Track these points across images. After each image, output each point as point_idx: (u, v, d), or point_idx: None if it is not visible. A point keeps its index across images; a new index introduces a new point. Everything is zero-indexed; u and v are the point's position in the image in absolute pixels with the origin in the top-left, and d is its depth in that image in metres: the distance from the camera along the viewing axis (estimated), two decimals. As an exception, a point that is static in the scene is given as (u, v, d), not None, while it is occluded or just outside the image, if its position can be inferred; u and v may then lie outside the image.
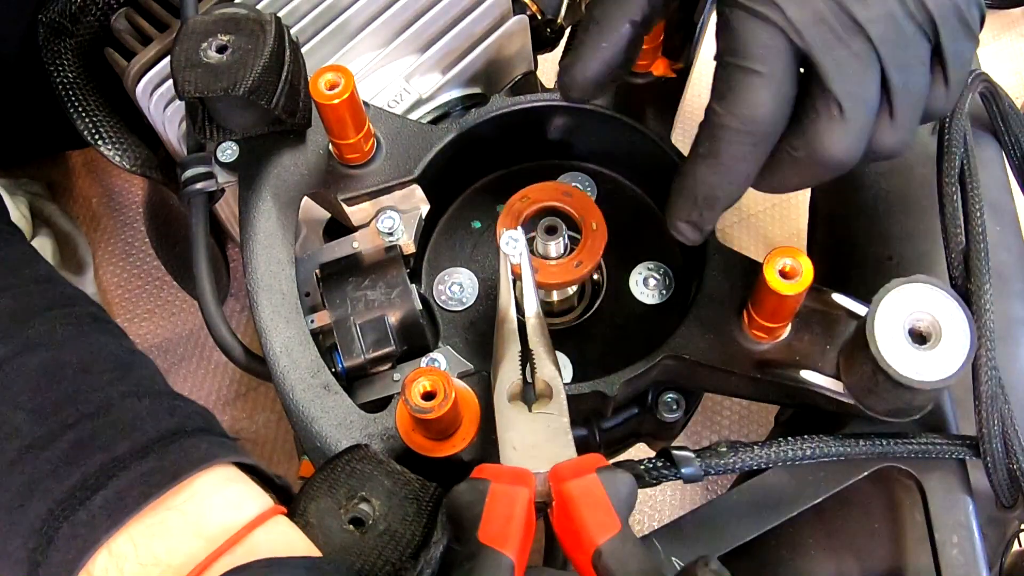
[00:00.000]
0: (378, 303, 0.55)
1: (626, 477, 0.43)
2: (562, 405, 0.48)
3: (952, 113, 0.56)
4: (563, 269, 0.54)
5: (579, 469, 0.44)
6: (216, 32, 0.54)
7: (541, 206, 0.56)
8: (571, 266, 0.54)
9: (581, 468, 0.44)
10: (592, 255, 0.54)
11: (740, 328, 0.52)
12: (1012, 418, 0.50)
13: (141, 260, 0.94)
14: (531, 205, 0.56)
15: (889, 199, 0.67)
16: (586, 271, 0.54)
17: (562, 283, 0.54)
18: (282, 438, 0.86)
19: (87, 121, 0.70)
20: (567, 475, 0.43)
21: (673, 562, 0.51)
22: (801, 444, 0.50)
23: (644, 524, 0.82)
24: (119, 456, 0.44)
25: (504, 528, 0.41)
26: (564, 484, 0.43)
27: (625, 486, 0.43)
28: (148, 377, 0.50)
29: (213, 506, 0.44)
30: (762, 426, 0.86)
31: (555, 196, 0.56)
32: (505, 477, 0.43)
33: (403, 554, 0.43)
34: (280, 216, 0.56)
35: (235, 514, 0.44)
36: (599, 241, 0.54)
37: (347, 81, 0.51)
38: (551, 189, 0.56)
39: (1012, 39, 1.05)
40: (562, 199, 0.56)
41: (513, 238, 0.52)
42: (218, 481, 0.45)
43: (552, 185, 0.57)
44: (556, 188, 0.56)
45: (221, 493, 0.45)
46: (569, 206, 0.56)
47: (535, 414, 0.48)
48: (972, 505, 0.51)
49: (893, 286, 0.46)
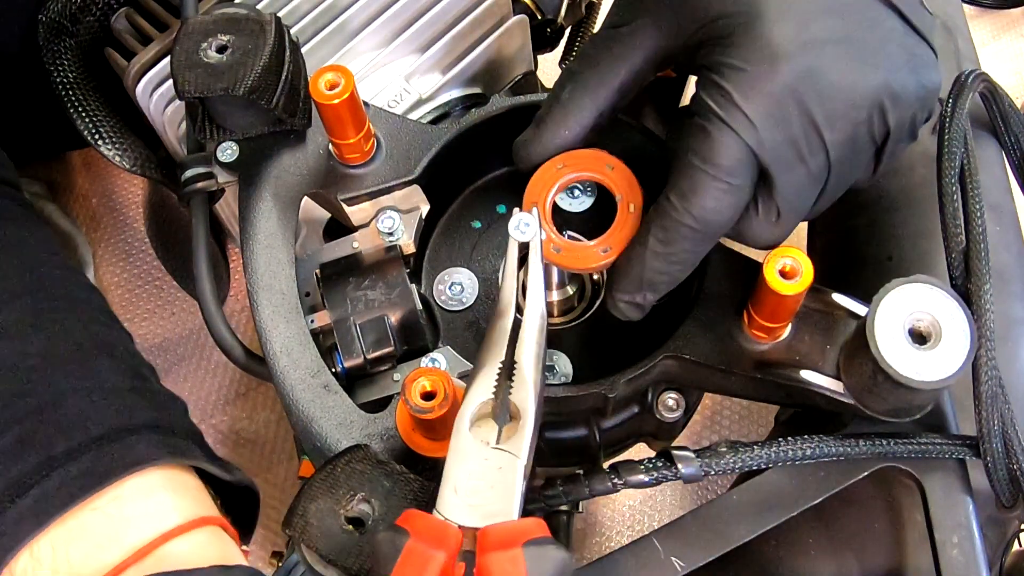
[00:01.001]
0: (378, 303, 0.55)
1: (556, 556, 0.39)
2: (524, 440, 0.44)
3: (952, 113, 0.56)
4: (588, 254, 0.50)
5: (506, 540, 0.40)
6: (216, 32, 0.54)
7: (577, 177, 0.51)
8: (597, 251, 0.50)
9: (509, 539, 0.40)
10: (622, 242, 0.50)
11: (740, 328, 0.52)
12: (1012, 418, 0.50)
13: (141, 260, 0.94)
14: (565, 175, 0.51)
15: (889, 199, 0.67)
16: (612, 259, 0.50)
17: (584, 268, 0.51)
18: (282, 438, 0.86)
19: (87, 121, 0.70)
20: (492, 545, 0.40)
21: (673, 562, 0.51)
22: (801, 444, 0.50)
23: (644, 524, 0.82)
24: (55, 455, 0.44)
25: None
26: (485, 555, 0.39)
27: (552, 565, 0.39)
28: (108, 368, 0.50)
29: (136, 513, 0.44)
30: (762, 426, 0.86)
31: (595, 167, 0.51)
32: (426, 535, 0.40)
33: (403, 554, 0.43)
34: (280, 216, 0.56)
35: (156, 523, 0.44)
36: (633, 228, 0.50)
37: (347, 81, 0.51)
38: (591, 158, 0.51)
39: (1012, 39, 1.05)
40: (603, 171, 0.51)
41: (525, 222, 0.48)
42: (149, 486, 0.45)
43: (593, 154, 0.52)
44: (597, 158, 0.51)
45: (149, 499, 0.44)
46: (610, 180, 0.51)
47: (492, 449, 0.44)
48: (972, 505, 0.51)
49: (893, 286, 0.46)
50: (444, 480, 0.43)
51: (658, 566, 0.50)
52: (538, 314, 0.48)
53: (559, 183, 0.51)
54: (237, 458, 0.84)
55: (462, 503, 0.42)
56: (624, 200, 0.51)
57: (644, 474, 0.50)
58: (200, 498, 0.47)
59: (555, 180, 0.51)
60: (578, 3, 0.74)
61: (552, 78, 0.80)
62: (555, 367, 0.58)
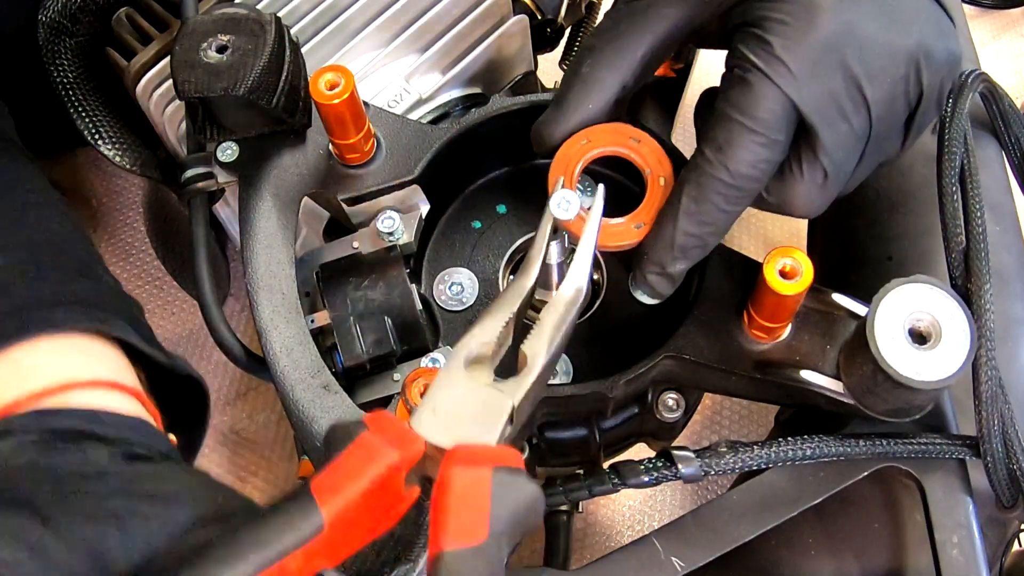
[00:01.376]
0: (378, 303, 0.55)
1: (528, 488, 0.36)
2: (523, 388, 0.40)
3: (952, 113, 0.56)
4: (621, 231, 0.49)
5: (477, 458, 0.36)
6: (216, 32, 0.54)
7: (602, 152, 0.50)
8: (631, 228, 0.49)
9: (479, 458, 0.36)
10: (656, 217, 0.49)
11: (740, 328, 0.52)
12: (1012, 418, 0.50)
13: (141, 260, 0.94)
14: (590, 150, 0.49)
15: (889, 198, 0.67)
16: (645, 235, 0.49)
17: (618, 246, 0.49)
18: (282, 438, 0.85)
19: (87, 121, 0.70)
20: (459, 460, 0.36)
21: (673, 562, 0.51)
22: (801, 444, 0.50)
23: (644, 524, 0.82)
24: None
25: (339, 483, 0.34)
26: (449, 469, 0.36)
27: (522, 496, 0.35)
28: (56, 257, 0.49)
29: (44, 363, 0.43)
30: (762, 426, 0.86)
31: (620, 141, 0.50)
32: (387, 432, 0.36)
33: (403, 555, 0.43)
34: (280, 216, 0.56)
35: (63, 373, 0.43)
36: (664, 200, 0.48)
37: (347, 81, 0.51)
38: (615, 133, 0.50)
39: (1012, 39, 1.05)
40: (628, 145, 0.50)
41: (567, 199, 0.47)
42: (64, 347, 0.45)
43: (616, 127, 0.50)
44: (621, 132, 0.50)
45: (61, 357, 0.44)
46: (636, 154, 0.50)
47: (485, 386, 0.40)
48: (972, 505, 0.51)
49: (893, 286, 0.46)
50: (424, 401, 0.39)
51: (658, 566, 0.50)
52: (576, 287, 0.45)
53: (585, 158, 0.50)
54: (237, 458, 0.84)
55: (438, 423, 0.38)
56: (654, 174, 0.49)
57: (644, 474, 0.50)
58: (118, 368, 0.46)
59: (580, 156, 0.49)
60: (578, 3, 0.74)
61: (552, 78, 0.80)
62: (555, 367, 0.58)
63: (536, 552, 0.78)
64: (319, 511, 0.34)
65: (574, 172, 0.50)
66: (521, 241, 0.62)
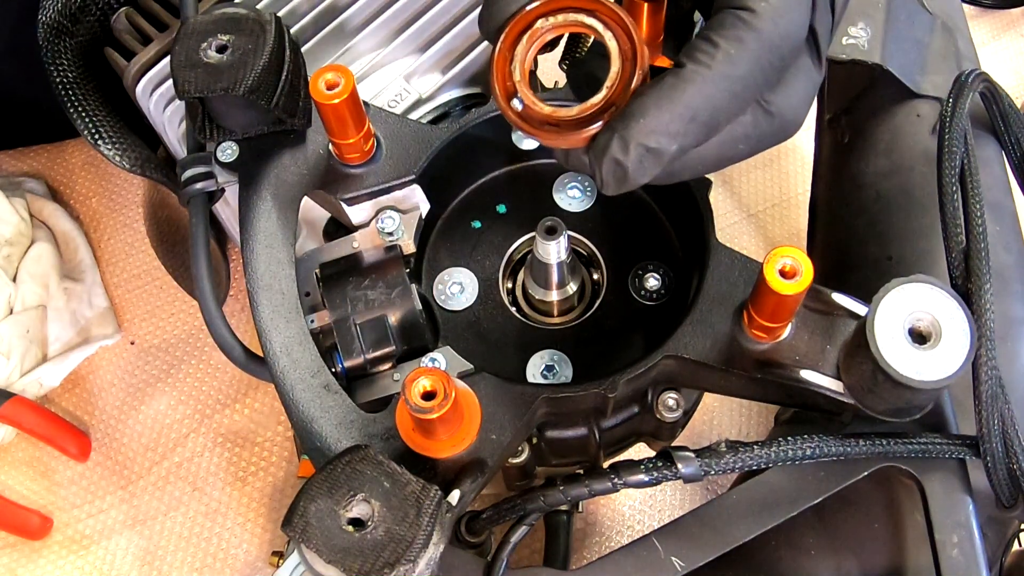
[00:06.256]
0: (378, 303, 0.55)
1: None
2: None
3: (952, 113, 0.56)
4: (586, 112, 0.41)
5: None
6: (216, 32, 0.54)
7: (555, 25, 0.42)
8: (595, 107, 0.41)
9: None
10: (624, 92, 0.41)
11: (740, 328, 0.52)
12: (1012, 418, 0.50)
13: (141, 260, 0.94)
14: (541, 19, 0.42)
15: (889, 199, 0.67)
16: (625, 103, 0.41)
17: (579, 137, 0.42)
18: (282, 438, 0.86)
19: (87, 121, 0.70)
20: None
21: (673, 562, 0.51)
22: (801, 444, 0.50)
23: (644, 524, 0.82)
24: None
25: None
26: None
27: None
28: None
29: None
30: (762, 426, 0.86)
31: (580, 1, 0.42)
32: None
33: (403, 556, 0.43)
34: (280, 216, 0.56)
35: None
36: (635, 74, 0.41)
37: (347, 81, 0.51)
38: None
39: (1012, 39, 1.05)
40: (592, 4, 0.42)
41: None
42: None
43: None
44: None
45: None
46: (605, 16, 0.42)
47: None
48: (972, 505, 0.51)
49: (893, 286, 0.46)
50: None
51: (658, 566, 0.50)
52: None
53: (531, 32, 0.42)
54: (237, 458, 0.84)
55: None
56: (624, 44, 0.41)
57: (644, 474, 0.50)
58: None
59: (529, 30, 0.42)
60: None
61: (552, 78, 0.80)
62: (555, 367, 0.58)
63: (536, 552, 0.78)
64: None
65: (525, 59, 0.42)
66: (521, 241, 0.62)
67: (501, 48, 0.42)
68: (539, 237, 0.54)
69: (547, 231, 0.53)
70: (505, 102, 0.42)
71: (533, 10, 0.42)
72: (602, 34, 0.41)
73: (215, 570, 0.81)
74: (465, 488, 0.48)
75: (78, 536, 0.82)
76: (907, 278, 0.46)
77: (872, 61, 0.68)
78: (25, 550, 0.82)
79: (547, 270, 0.56)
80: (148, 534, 0.82)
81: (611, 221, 0.55)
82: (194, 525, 0.83)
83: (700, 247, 0.55)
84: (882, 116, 0.70)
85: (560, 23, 0.42)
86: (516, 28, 0.42)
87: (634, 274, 0.60)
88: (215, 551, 0.82)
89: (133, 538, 0.82)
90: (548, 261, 0.55)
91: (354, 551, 0.43)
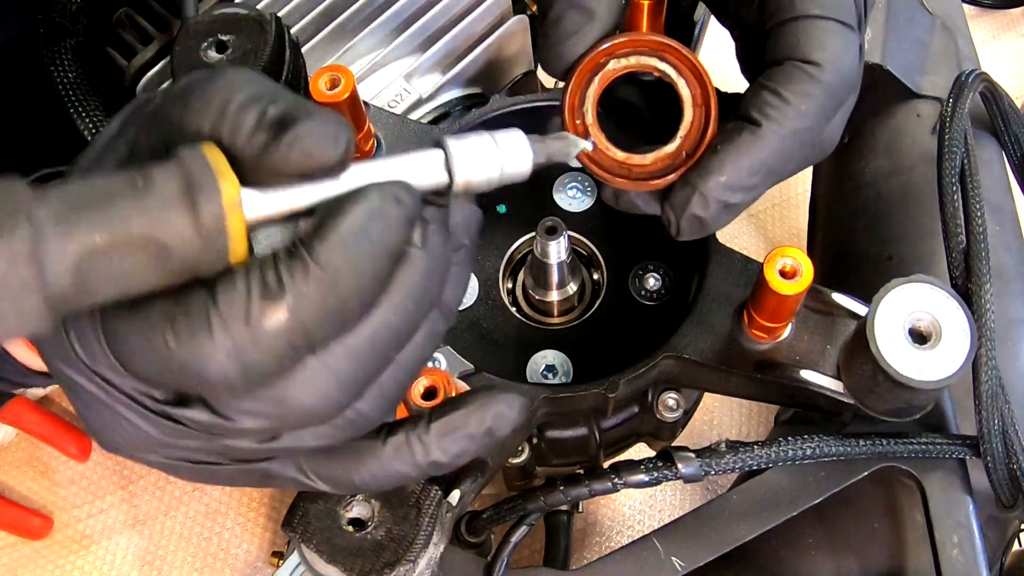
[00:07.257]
0: (378, 303, 0.55)
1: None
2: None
3: (952, 113, 0.56)
4: (660, 161, 0.42)
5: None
6: (216, 32, 0.54)
7: (627, 66, 0.42)
8: (672, 155, 0.43)
9: None
10: (696, 139, 0.42)
11: (740, 328, 0.52)
12: (1012, 418, 0.50)
13: (141, 260, 0.94)
14: (614, 63, 0.42)
15: (889, 199, 0.67)
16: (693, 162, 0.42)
17: (657, 183, 0.43)
18: (282, 438, 0.86)
19: (87, 121, 0.70)
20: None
21: (673, 562, 0.51)
22: (801, 444, 0.50)
23: (644, 524, 0.82)
24: None
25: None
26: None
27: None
28: None
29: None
30: (762, 426, 0.86)
31: (646, 52, 0.42)
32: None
33: (403, 556, 0.43)
34: (280, 216, 0.56)
35: None
36: (707, 123, 0.42)
37: (347, 81, 0.51)
38: (636, 43, 0.42)
39: (1012, 39, 1.05)
40: (664, 49, 0.42)
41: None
42: None
43: (636, 37, 0.42)
44: (643, 42, 0.42)
45: None
46: (675, 61, 0.42)
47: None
48: (972, 505, 0.51)
49: (893, 286, 0.46)
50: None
51: (658, 566, 0.50)
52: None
53: (603, 74, 0.42)
54: (237, 458, 0.85)
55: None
56: (695, 92, 0.42)
57: (644, 474, 0.50)
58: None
59: (609, 76, 0.42)
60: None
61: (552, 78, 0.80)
62: (555, 367, 0.58)
63: (536, 552, 0.78)
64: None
65: (595, 100, 0.43)
66: (521, 241, 0.62)
67: (572, 88, 0.43)
68: (539, 237, 0.54)
69: (547, 231, 0.53)
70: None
71: (604, 51, 0.42)
72: (675, 80, 0.42)
73: (215, 570, 0.81)
74: (465, 488, 0.48)
75: (78, 536, 0.83)
76: (907, 278, 0.46)
77: (872, 61, 0.68)
78: (25, 550, 0.82)
79: (547, 270, 0.56)
80: (148, 534, 0.82)
81: (611, 221, 0.55)
82: (194, 525, 0.83)
83: (700, 247, 0.55)
84: (882, 116, 0.70)
85: (632, 65, 0.42)
86: (587, 68, 0.43)
87: (634, 274, 0.60)
88: (215, 551, 0.82)
89: (133, 538, 0.82)
90: (548, 261, 0.55)
91: (354, 551, 0.44)
